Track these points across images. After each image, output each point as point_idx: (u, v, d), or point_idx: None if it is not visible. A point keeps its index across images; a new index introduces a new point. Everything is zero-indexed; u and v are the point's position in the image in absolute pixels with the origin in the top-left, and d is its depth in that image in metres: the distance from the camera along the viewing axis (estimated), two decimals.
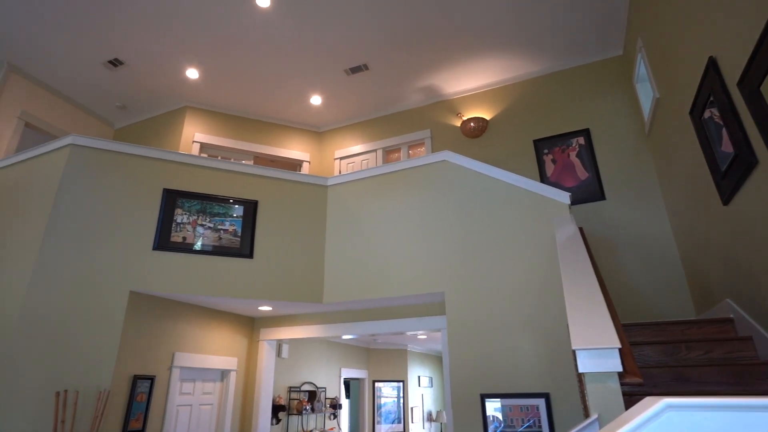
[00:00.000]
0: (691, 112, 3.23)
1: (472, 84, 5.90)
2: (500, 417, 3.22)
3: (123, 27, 4.86)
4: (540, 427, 3.09)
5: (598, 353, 1.52)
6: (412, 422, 7.82)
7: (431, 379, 9.04)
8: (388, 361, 7.99)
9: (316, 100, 6.12)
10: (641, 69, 4.57)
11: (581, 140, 5.15)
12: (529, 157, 5.35)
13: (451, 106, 6.07)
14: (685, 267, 4.21)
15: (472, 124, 5.68)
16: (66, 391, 3.22)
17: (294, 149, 6.48)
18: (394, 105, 6.31)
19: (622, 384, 1.51)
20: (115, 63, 5.43)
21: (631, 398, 2.23)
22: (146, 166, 4.06)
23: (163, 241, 3.87)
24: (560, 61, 5.48)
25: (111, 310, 3.55)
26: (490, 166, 3.98)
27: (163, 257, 3.84)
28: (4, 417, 3.06)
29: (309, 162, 6.48)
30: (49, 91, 5.79)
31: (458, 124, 5.94)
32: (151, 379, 3.74)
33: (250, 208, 4.26)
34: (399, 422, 7.67)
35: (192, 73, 5.60)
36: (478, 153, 5.65)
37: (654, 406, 0.64)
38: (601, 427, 1.44)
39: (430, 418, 8.60)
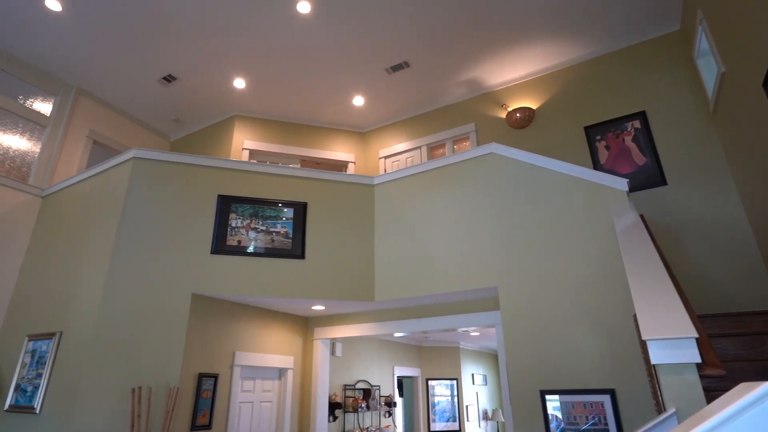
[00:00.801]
0: (765, 84, 2.97)
1: (516, 73, 5.74)
2: (559, 415, 3.10)
3: (175, 44, 5.12)
4: (606, 424, 2.95)
5: (672, 343, 1.42)
6: (468, 420, 7.71)
7: (485, 377, 8.87)
8: (441, 359, 7.92)
9: (358, 100, 6.17)
10: (702, 43, 4.26)
11: (637, 124, 4.87)
12: (581, 144, 5.13)
13: (495, 97, 5.93)
14: (763, 252, 3.88)
15: (518, 114, 5.52)
16: (140, 387, 3.43)
17: (339, 151, 6.57)
18: (436, 100, 6.25)
19: (701, 377, 1.41)
20: (168, 79, 5.73)
21: (708, 394, 2.08)
22: (201, 174, 4.25)
23: (220, 245, 4.03)
24: (611, 42, 5.22)
25: (176, 311, 3.75)
26: (539, 156, 3.85)
27: (220, 260, 4.00)
28: (89, 410, 3.31)
29: (354, 162, 6.55)
30: (111, 109, 6.20)
31: (503, 115, 5.79)
32: (215, 377, 3.91)
33: (300, 209, 4.36)
34: (454, 421, 7.58)
35: (239, 83, 5.81)
36: (525, 144, 5.49)
37: (755, 390, 0.58)
38: (680, 421, 1.35)
39: (485, 416, 8.44)
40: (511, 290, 3.58)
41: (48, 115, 5.47)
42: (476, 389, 8.32)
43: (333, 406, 5.28)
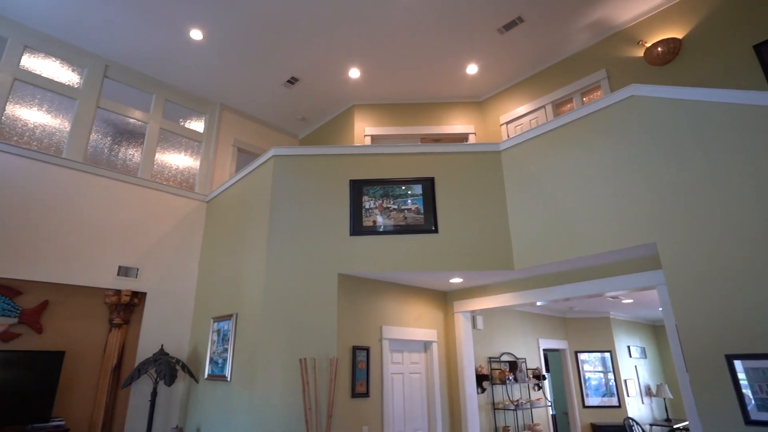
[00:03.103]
0: None
1: (652, 1, 4.98)
2: (747, 382, 2.66)
3: (293, 47, 5.50)
4: None
5: None
6: (628, 396, 7.10)
7: (643, 349, 8.06)
8: (590, 331, 7.40)
9: (472, 69, 5.97)
10: None
11: None
12: (748, 69, 4.27)
13: (627, 35, 5.24)
14: None
15: (659, 48, 4.80)
16: (305, 358, 3.82)
17: (457, 124, 6.46)
18: (557, 52, 5.75)
19: None
20: (291, 81, 6.20)
21: None
22: (332, 163, 4.52)
23: (357, 227, 4.27)
24: None
25: (326, 290, 4.08)
26: (698, 89, 3.30)
27: (359, 241, 4.23)
28: (267, 378, 3.80)
29: (474, 134, 6.38)
30: (248, 118, 6.93)
31: (641, 53, 5.09)
32: (367, 349, 4.18)
33: (428, 185, 4.39)
34: (612, 396, 7.04)
35: (354, 73, 6.03)
36: (671, 82, 4.76)
37: None
38: None
39: (648, 392, 7.68)
40: (676, 245, 3.15)
41: (202, 132, 6.33)
42: (634, 363, 7.61)
43: (480, 378, 5.28)
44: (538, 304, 4.58)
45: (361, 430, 3.94)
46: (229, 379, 4.19)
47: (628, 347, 7.62)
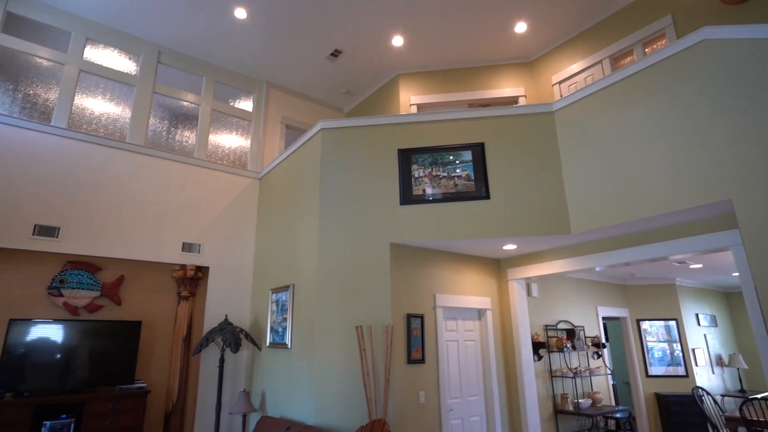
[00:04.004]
0: None
1: None
2: None
3: (336, 19, 5.44)
4: None
5: None
6: (696, 366, 6.76)
7: (713, 317, 7.60)
8: (653, 298, 7.06)
9: (520, 27, 5.66)
10: None
11: None
12: None
13: None
14: None
15: None
16: (361, 326, 3.92)
17: (506, 87, 6.20)
18: (614, 2, 5.32)
19: None
20: (335, 54, 6.16)
21: None
22: (379, 133, 4.50)
23: (407, 196, 4.25)
24: None
25: (379, 260, 4.12)
26: None
27: (409, 210, 4.22)
28: (325, 345, 3.94)
29: (524, 96, 6.11)
30: (294, 95, 7.00)
31: None
32: (421, 317, 4.22)
33: (478, 150, 4.28)
34: (678, 365, 6.73)
35: (397, 41, 5.90)
36: (747, 22, 4.28)
37: None
38: None
39: (720, 362, 7.28)
40: (755, 201, 2.90)
41: (251, 111, 6.48)
42: (703, 331, 7.21)
43: (536, 346, 5.21)
44: (597, 269, 4.40)
45: (418, 395, 4.02)
46: (289, 347, 4.38)
47: (697, 315, 7.22)
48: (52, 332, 4.23)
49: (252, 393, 5.07)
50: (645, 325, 7.00)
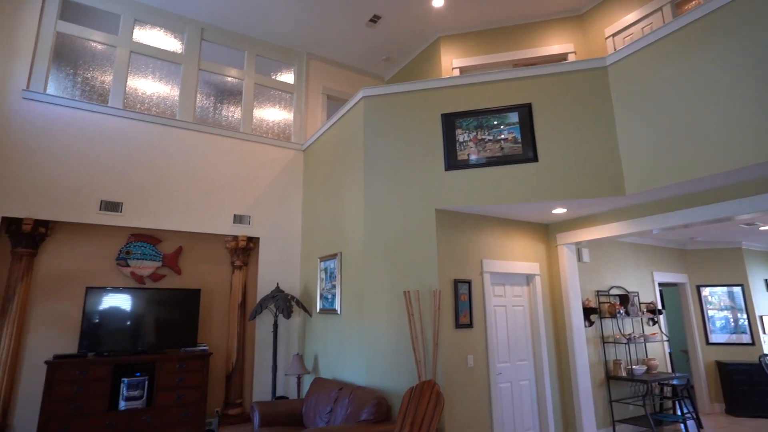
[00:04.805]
0: None
1: None
2: None
3: None
4: None
5: None
6: (764, 333, 6.40)
7: None
8: (716, 263, 6.68)
9: None
10: None
11: None
12: None
13: None
14: None
15: None
16: (409, 291, 3.97)
17: (554, 44, 5.87)
18: None
19: None
20: (374, 20, 6.04)
21: None
22: (422, 98, 4.41)
23: (452, 161, 4.18)
24: None
25: (425, 226, 4.12)
26: None
27: (455, 175, 4.16)
28: (374, 311, 4.03)
29: (574, 53, 5.77)
30: (334, 65, 6.97)
31: None
32: (468, 282, 4.21)
33: (525, 112, 4.12)
34: (743, 333, 6.40)
35: (437, 1, 5.69)
36: None
37: None
38: None
39: None
40: None
41: (292, 83, 6.52)
42: None
43: (587, 311, 5.09)
44: (654, 232, 4.20)
45: (466, 358, 4.06)
46: (339, 312, 4.52)
47: (766, 281, 6.78)
48: (123, 299, 4.57)
49: (305, 356, 5.31)
50: (706, 291, 6.66)
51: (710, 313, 6.58)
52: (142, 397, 4.29)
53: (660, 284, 7.01)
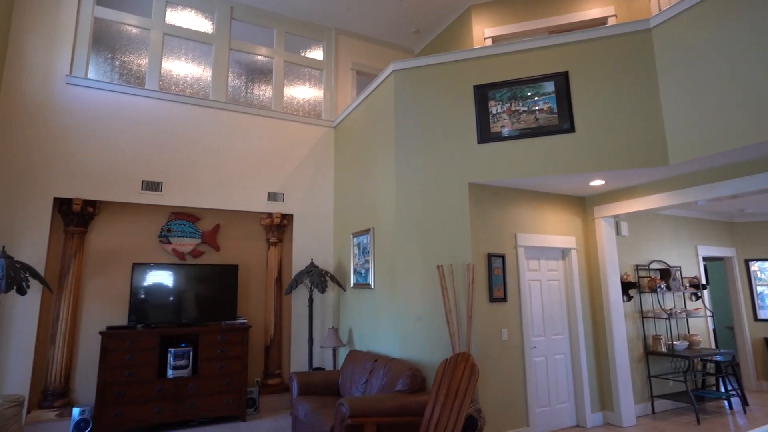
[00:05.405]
0: None
1: None
2: None
3: None
4: None
5: None
6: None
7: None
8: (767, 236, 6.34)
9: None
10: None
11: None
12: None
13: None
14: None
15: None
16: (442, 265, 3.97)
17: (593, 8, 5.58)
18: None
19: None
20: None
21: None
22: (453, 70, 4.31)
23: (485, 134, 4.10)
24: None
25: (457, 200, 4.09)
26: None
27: (488, 148, 4.08)
28: (407, 285, 4.07)
29: (615, 16, 5.47)
30: (363, 40, 6.88)
31: None
32: (502, 256, 4.17)
33: (561, 80, 3.97)
34: None
35: None
36: None
37: None
38: None
39: None
40: None
41: (321, 60, 6.50)
42: None
43: (626, 286, 4.97)
44: (699, 203, 4.01)
45: (500, 332, 4.06)
46: (372, 287, 4.59)
47: None
48: (166, 275, 4.79)
49: (340, 329, 5.44)
50: (755, 266, 6.36)
51: (759, 288, 6.30)
52: (187, 367, 4.53)
53: (704, 258, 6.74)
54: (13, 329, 4.21)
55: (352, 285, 5.10)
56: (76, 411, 4.15)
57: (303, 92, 6.32)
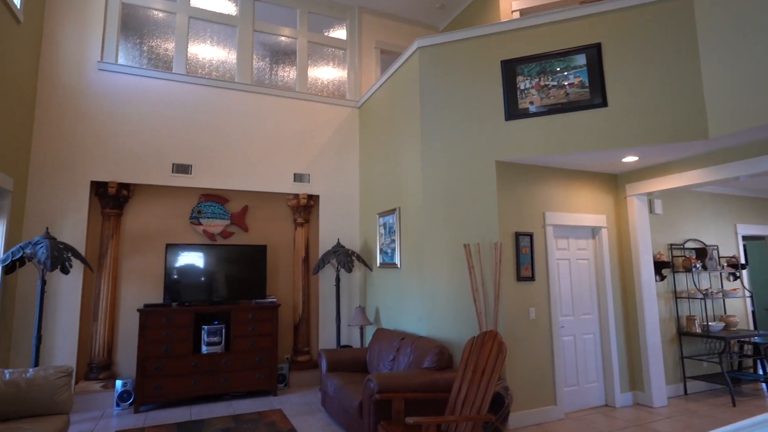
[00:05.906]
0: None
1: None
2: None
3: None
4: None
5: None
6: None
7: None
8: None
9: None
10: None
11: None
12: None
13: None
14: None
15: None
16: (469, 244, 3.95)
17: None
18: None
19: None
20: None
21: None
22: (480, 45, 4.21)
23: (513, 110, 4.01)
24: None
25: (484, 178, 4.04)
26: None
27: (516, 125, 3.99)
28: (434, 264, 4.07)
29: None
30: (386, 17, 6.77)
31: None
32: (530, 235, 4.12)
33: (593, 53, 3.82)
34: None
35: None
36: None
37: None
38: None
39: None
40: None
41: (345, 39, 6.43)
42: None
43: (659, 266, 4.83)
44: (741, 179, 3.83)
45: (528, 311, 4.04)
46: (399, 266, 4.61)
47: None
48: (197, 255, 4.93)
49: (366, 308, 5.51)
50: None
51: None
52: (220, 343, 4.69)
53: (744, 237, 6.49)
54: (59, 306, 4.44)
55: (378, 264, 5.14)
56: (119, 383, 4.38)
57: (327, 73, 6.30)
